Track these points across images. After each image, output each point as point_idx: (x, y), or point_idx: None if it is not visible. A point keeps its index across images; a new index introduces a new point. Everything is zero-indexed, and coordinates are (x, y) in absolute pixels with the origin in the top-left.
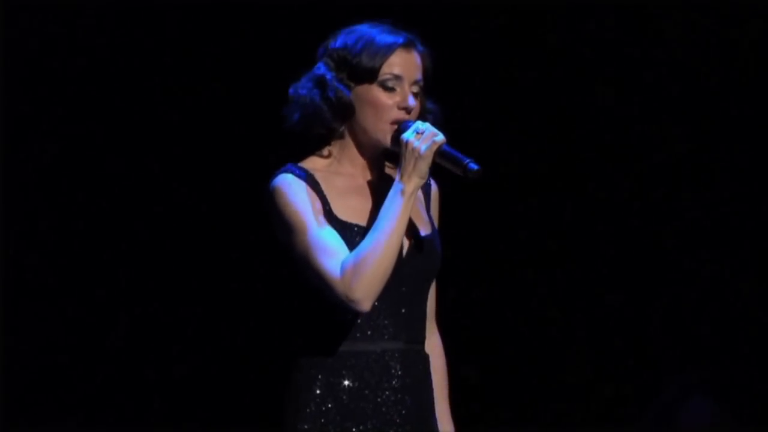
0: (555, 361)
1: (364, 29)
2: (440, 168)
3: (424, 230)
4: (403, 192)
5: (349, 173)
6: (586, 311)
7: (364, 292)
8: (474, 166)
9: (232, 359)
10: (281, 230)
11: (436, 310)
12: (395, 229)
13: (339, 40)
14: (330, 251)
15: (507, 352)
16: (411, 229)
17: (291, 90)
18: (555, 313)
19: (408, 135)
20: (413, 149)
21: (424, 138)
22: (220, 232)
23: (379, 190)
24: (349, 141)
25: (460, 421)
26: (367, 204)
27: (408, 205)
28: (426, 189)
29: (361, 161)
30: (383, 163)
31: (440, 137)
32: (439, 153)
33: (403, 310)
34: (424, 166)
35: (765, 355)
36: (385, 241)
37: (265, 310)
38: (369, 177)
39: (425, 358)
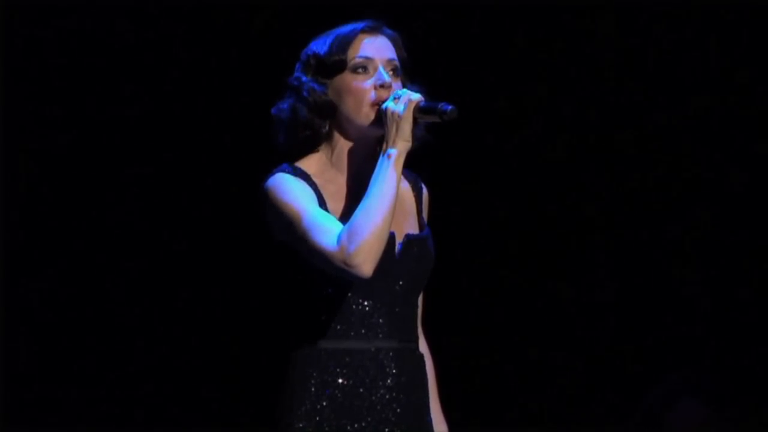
0: (547, 361)
1: (332, 30)
2: (431, 173)
3: (417, 230)
4: (389, 156)
5: (342, 182)
6: (577, 311)
7: (362, 256)
8: (447, 107)
9: (227, 358)
10: (277, 225)
11: (422, 314)
12: (385, 192)
13: (309, 47)
14: (326, 229)
15: (498, 352)
16: (404, 230)
17: (273, 110)
18: (547, 314)
19: (387, 103)
20: (392, 113)
21: (401, 100)
22: (216, 231)
23: None
24: (337, 142)
25: (454, 421)
26: None
27: (396, 167)
28: (417, 191)
29: (352, 165)
30: (374, 167)
31: (416, 96)
32: (418, 110)
33: (397, 309)
34: (407, 127)
35: (752, 356)
36: (377, 204)
37: (260, 308)
38: (361, 184)
39: (419, 357)
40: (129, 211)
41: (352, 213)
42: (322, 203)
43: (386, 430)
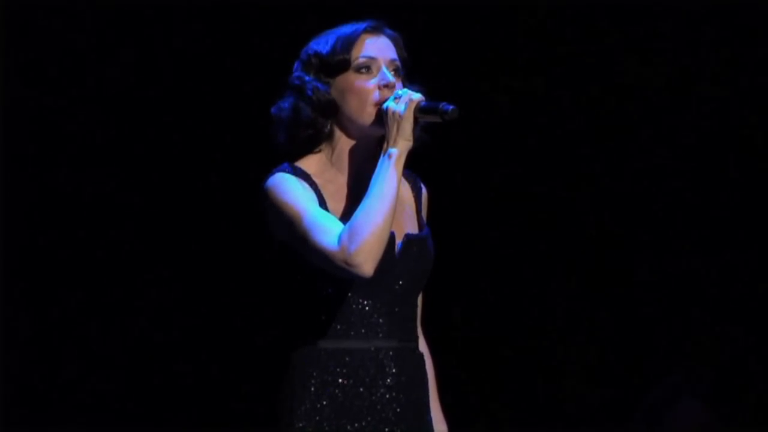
0: (547, 361)
1: (333, 29)
2: (430, 173)
3: (417, 230)
4: (390, 156)
5: (342, 182)
6: (577, 310)
7: (363, 256)
8: (448, 107)
9: (227, 358)
10: (278, 225)
11: (422, 313)
12: (386, 192)
13: (310, 46)
14: (326, 229)
15: (498, 352)
16: (404, 230)
17: (273, 109)
18: (547, 314)
19: (387, 103)
20: (393, 113)
21: (402, 100)
22: (216, 231)
23: None
24: (338, 141)
25: (453, 421)
26: None
27: (397, 167)
28: (416, 191)
29: (353, 165)
30: (374, 167)
31: (417, 96)
32: (419, 110)
33: (397, 309)
34: (407, 127)
35: (752, 356)
36: (378, 203)
37: (260, 308)
38: (361, 184)
39: (419, 357)
40: (129, 211)
41: (353, 213)
42: (323, 203)
43: (386, 429)
